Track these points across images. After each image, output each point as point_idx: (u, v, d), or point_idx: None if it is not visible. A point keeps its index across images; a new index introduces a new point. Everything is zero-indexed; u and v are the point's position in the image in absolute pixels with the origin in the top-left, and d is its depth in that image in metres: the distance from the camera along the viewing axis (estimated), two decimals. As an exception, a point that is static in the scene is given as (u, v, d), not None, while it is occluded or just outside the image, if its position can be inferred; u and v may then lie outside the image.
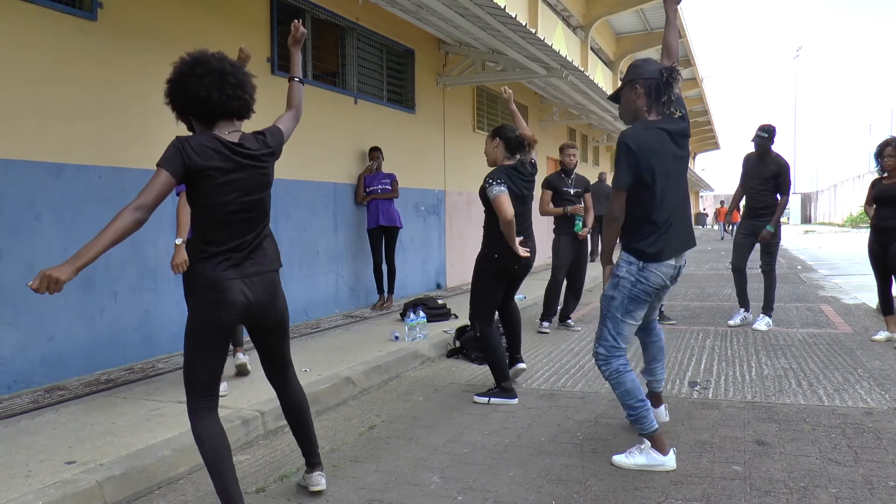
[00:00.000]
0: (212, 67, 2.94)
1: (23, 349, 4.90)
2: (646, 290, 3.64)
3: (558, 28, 17.48)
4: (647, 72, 3.66)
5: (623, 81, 3.76)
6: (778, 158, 7.40)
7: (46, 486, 3.15)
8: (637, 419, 3.67)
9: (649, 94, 3.65)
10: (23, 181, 4.90)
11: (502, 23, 8.41)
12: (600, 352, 3.73)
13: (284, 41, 7.63)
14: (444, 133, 11.42)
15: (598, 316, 3.81)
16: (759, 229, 7.47)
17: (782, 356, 6.22)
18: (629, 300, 3.65)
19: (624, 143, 3.55)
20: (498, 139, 4.99)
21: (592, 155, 22.06)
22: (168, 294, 6.04)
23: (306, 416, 3.33)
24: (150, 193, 2.68)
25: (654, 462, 3.61)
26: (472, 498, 3.31)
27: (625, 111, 3.79)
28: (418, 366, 6.17)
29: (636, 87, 3.67)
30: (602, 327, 3.74)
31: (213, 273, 2.86)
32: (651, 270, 3.61)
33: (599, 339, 3.74)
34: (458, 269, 11.77)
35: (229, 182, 2.86)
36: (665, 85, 3.61)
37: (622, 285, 3.65)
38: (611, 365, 3.70)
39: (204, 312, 2.89)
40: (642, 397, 3.67)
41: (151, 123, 5.78)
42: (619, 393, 3.70)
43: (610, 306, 3.70)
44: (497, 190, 4.75)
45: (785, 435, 4.10)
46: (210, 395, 2.98)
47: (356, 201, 8.79)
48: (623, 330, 3.69)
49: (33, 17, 4.98)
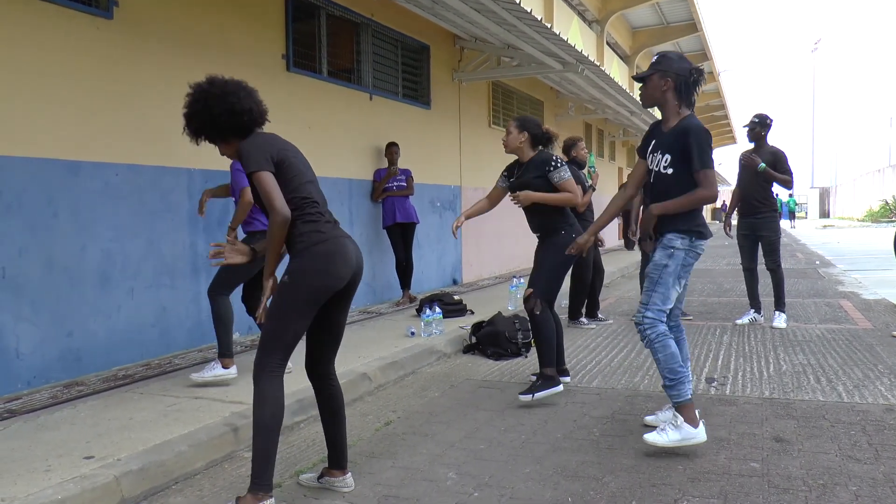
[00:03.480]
0: (232, 84, 3.17)
1: (42, 345, 4.94)
2: (693, 261, 3.94)
3: (574, 22, 17.42)
4: (680, 69, 3.87)
5: (654, 67, 3.92)
6: (772, 149, 7.29)
7: (65, 481, 3.17)
8: (676, 384, 3.78)
9: (678, 90, 3.88)
10: (40, 179, 4.94)
11: (518, 17, 8.38)
12: (649, 315, 3.87)
13: (299, 38, 7.67)
14: (459, 129, 11.41)
15: (644, 286, 4.01)
16: (757, 227, 7.37)
17: (801, 352, 6.17)
18: (682, 267, 3.88)
19: (708, 131, 3.85)
20: (526, 133, 4.98)
21: (609, 150, 21.97)
22: (184, 290, 6.08)
23: (341, 418, 3.32)
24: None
25: (688, 435, 3.71)
26: (488, 494, 3.30)
27: (648, 97, 4.00)
28: (434, 362, 6.17)
29: (668, 80, 3.87)
30: (651, 293, 3.90)
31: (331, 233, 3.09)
32: (700, 244, 3.93)
33: (648, 305, 3.90)
34: (474, 264, 11.77)
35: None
36: (693, 84, 3.88)
37: (676, 255, 3.87)
38: (657, 328, 3.85)
39: (322, 269, 3.01)
40: (682, 363, 3.84)
41: (167, 121, 5.80)
42: (664, 357, 3.81)
43: (663, 273, 3.88)
44: (567, 174, 4.92)
45: (803, 432, 4.07)
46: (284, 361, 3.05)
47: (372, 198, 8.80)
48: (671, 295, 3.90)
49: (50, 16, 5.01)
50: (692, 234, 3.89)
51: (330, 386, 3.32)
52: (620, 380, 5.39)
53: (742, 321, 7.72)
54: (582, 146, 7.62)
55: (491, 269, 12.49)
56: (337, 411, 3.31)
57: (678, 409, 3.77)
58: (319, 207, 3.12)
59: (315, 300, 3.01)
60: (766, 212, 7.34)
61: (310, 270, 2.99)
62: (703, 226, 3.94)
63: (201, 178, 6.13)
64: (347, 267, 3.07)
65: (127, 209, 5.55)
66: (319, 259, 3.00)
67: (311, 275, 2.99)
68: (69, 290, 5.12)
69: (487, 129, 12.49)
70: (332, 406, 3.31)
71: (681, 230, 3.89)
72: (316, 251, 3.00)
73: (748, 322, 7.70)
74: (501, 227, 12.77)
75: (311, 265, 2.99)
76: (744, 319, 7.74)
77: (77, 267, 5.17)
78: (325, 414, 3.33)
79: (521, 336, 6.40)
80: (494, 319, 6.67)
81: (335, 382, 3.34)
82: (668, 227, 3.91)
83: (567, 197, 4.89)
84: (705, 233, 3.93)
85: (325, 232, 3.05)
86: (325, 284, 3.01)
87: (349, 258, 3.08)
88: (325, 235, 3.04)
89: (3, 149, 4.72)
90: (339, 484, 3.32)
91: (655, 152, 3.98)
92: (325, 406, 3.32)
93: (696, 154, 3.77)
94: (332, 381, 3.33)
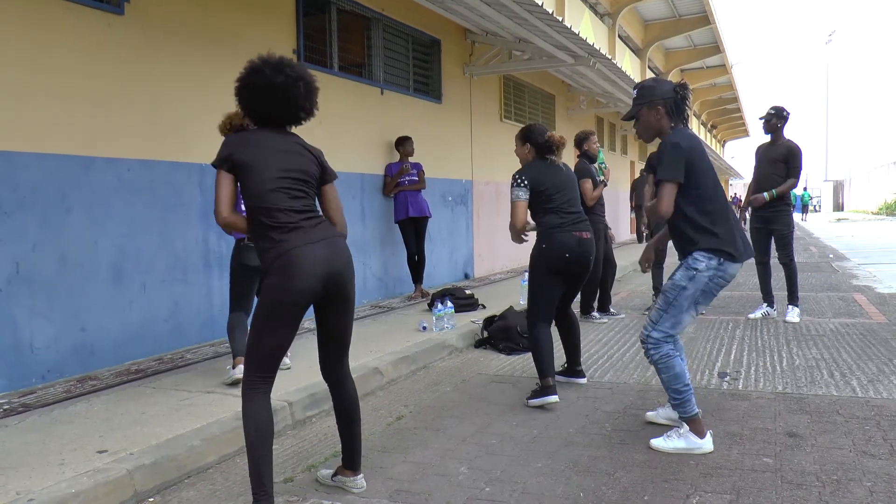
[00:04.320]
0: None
1: (56, 340, 4.97)
2: (718, 288, 3.78)
3: (585, 16, 17.34)
4: (664, 92, 3.81)
5: (639, 103, 3.87)
6: (788, 143, 7.26)
7: (79, 475, 3.19)
8: (682, 402, 3.74)
9: (670, 113, 3.81)
10: (54, 175, 4.96)
11: (529, 11, 8.34)
12: (654, 336, 3.78)
13: (310, 33, 7.67)
14: (470, 123, 11.39)
15: (656, 301, 3.88)
16: (770, 220, 7.32)
17: (814, 346, 6.14)
18: (702, 293, 3.74)
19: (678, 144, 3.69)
20: (529, 145, 4.93)
21: (620, 144, 21.88)
22: (197, 285, 6.10)
23: (355, 420, 3.30)
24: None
25: (693, 445, 3.67)
26: (499, 489, 3.30)
27: (647, 131, 3.92)
28: (446, 356, 6.18)
29: (658, 109, 3.82)
30: (661, 313, 3.79)
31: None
32: (729, 267, 3.73)
33: (656, 324, 3.80)
34: (485, 259, 11.76)
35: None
36: (682, 100, 3.81)
37: (698, 279, 3.70)
38: (661, 349, 3.77)
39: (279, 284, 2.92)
40: (688, 381, 3.77)
41: (179, 117, 5.82)
42: (668, 377, 3.76)
43: (680, 296, 3.74)
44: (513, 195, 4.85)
45: (817, 427, 4.04)
46: (266, 376, 3.00)
47: (384, 193, 8.80)
48: (683, 320, 3.79)
49: (61, 13, 5.02)
50: (721, 254, 3.67)
51: (342, 388, 3.29)
52: (632, 374, 5.38)
53: (755, 315, 7.69)
54: (594, 140, 7.60)
55: (503, 264, 12.48)
56: (350, 413, 3.29)
57: (684, 421, 3.76)
58: (280, 217, 2.95)
59: (279, 314, 2.93)
60: (780, 205, 7.29)
61: (269, 286, 2.93)
62: (733, 244, 3.70)
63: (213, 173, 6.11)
64: (308, 278, 2.91)
65: (140, 204, 5.58)
66: (276, 274, 2.92)
67: (270, 290, 2.93)
68: (82, 285, 5.15)
69: (499, 123, 12.47)
70: (344, 407, 3.29)
71: (707, 248, 3.69)
72: (275, 266, 2.92)
73: (761, 316, 7.66)
74: (513, 222, 12.74)
75: (271, 280, 2.93)
76: (757, 313, 7.71)
77: (90, 262, 5.20)
78: (338, 414, 3.31)
79: (532, 330, 6.38)
80: (506, 314, 6.67)
81: (348, 385, 3.31)
82: (690, 245, 3.74)
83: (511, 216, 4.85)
84: (737, 254, 3.69)
85: (281, 244, 2.92)
86: (284, 300, 2.91)
87: (307, 269, 2.91)
88: (280, 249, 2.91)
89: (17, 145, 4.75)
90: (351, 484, 3.31)
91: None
92: (337, 407, 3.31)
93: (658, 164, 3.74)
94: (345, 384, 3.30)
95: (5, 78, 4.68)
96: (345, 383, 3.30)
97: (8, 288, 4.68)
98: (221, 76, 6.18)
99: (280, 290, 2.90)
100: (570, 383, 5.12)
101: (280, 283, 2.90)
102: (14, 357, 4.73)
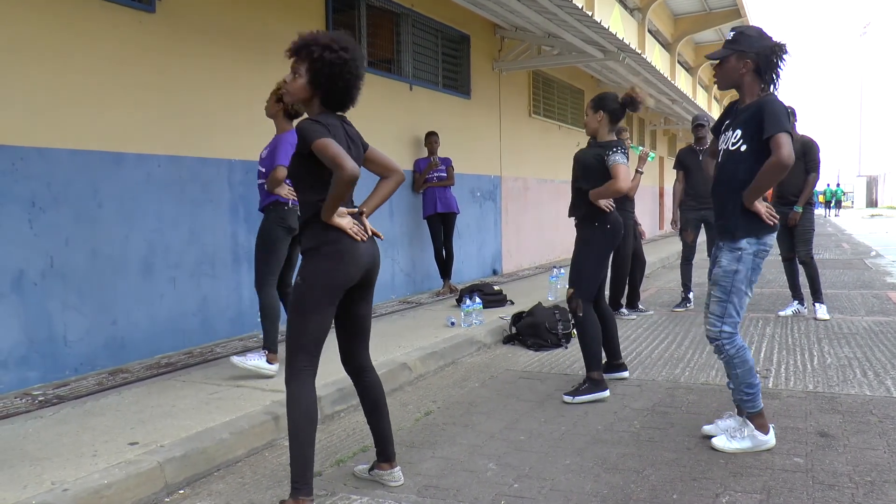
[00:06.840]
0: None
1: (88, 333, 5.04)
2: (762, 260, 3.65)
3: (615, 10, 17.21)
4: (762, 47, 3.53)
5: (732, 47, 3.59)
6: (802, 137, 7.18)
7: (111, 466, 3.23)
8: (754, 397, 3.66)
9: (758, 72, 3.57)
10: (86, 170, 5.03)
11: (558, 6, 8.30)
12: (727, 330, 3.65)
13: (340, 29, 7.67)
14: (499, 118, 11.36)
15: (712, 295, 3.72)
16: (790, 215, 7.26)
17: (846, 345, 6.05)
18: (752, 270, 3.64)
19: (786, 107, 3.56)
20: (602, 112, 4.81)
21: (650, 138, 21.71)
22: (226, 279, 6.15)
23: (382, 410, 3.31)
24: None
25: (759, 443, 3.64)
26: (528, 485, 3.29)
27: (725, 79, 3.67)
28: (474, 352, 6.17)
29: (747, 61, 3.56)
30: (726, 304, 3.65)
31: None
32: (767, 239, 3.64)
33: (724, 318, 3.65)
34: (514, 255, 11.74)
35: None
36: (777, 61, 3.55)
37: (745, 258, 3.62)
38: (735, 342, 3.66)
39: (333, 268, 2.98)
40: (757, 372, 3.71)
41: (208, 113, 5.86)
42: (742, 371, 3.65)
43: (735, 280, 3.63)
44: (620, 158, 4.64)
45: (849, 427, 3.98)
46: (312, 361, 3.03)
47: (413, 189, 8.81)
48: (745, 302, 3.68)
49: (93, 11, 5.08)
50: (759, 230, 3.62)
51: (366, 379, 3.31)
52: (661, 372, 5.33)
53: (785, 312, 7.60)
54: (625, 136, 7.56)
55: (531, 259, 12.44)
56: (376, 403, 3.30)
57: (751, 417, 3.67)
58: (346, 205, 3.10)
59: (330, 298, 3.00)
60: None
61: (322, 270, 2.98)
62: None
63: (241, 168, 6.18)
64: (359, 267, 3.04)
65: (169, 200, 5.63)
66: (330, 259, 2.98)
67: (322, 274, 2.98)
68: (113, 279, 5.21)
69: (528, 118, 12.42)
70: (370, 397, 3.30)
71: (748, 232, 3.62)
72: (325, 251, 2.98)
73: (791, 314, 7.57)
74: (541, 217, 12.72)
75: (324, 265, 2.97)
76: (787, 311, 7.62)
77: (121, 256, 5.26)
78: (365, 406, 3.32)
79: (561, 327, 6.37)
80: (534, 310, 6.64)
81: (371, 375, 3.32)
82: (729, 235, 3.67)
83: (611, 186, 4.60)
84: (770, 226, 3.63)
85: (341, 232, 3.00)
86: (337, 283, 2.99)
87: (357, 258, 3.03)
88: (339, 235, 3.00)
89: (51, 141, 4.81)
90: (388, 477, 3.31)
91: (727, 131, 3.71)
92: (363, 398, 3.32)
93: (768, 120, 3.45)
94: (368, 374, 3.31)
95: (39, 75, 4.75)
96: (368, 373, 3.32)
97: (42, 282, 4.75)
98: (250, 73, 6.22)
99: (333, 273, 2.98)
100: (611, 379, 5.01)
101: (334, 267, 2.98)
102: (48, 349, 4.80)
